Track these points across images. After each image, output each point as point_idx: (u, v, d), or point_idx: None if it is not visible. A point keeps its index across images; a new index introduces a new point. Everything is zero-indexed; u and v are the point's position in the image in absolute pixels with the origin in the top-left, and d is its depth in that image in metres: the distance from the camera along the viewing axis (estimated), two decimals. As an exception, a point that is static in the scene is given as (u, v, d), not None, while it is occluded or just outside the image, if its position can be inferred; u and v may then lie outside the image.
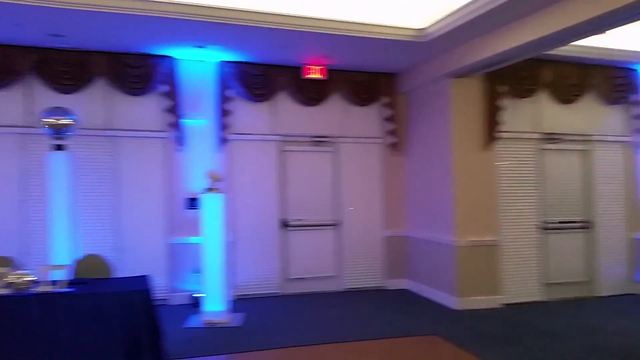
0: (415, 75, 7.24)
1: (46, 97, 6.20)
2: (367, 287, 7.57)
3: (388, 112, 7.59)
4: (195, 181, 6.73)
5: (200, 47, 6.21)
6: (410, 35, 5.93)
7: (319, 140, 7.41)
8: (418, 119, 7.40)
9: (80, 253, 5.45)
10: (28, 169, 6.23)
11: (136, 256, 6.52)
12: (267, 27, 5.45)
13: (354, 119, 7.57)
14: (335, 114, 7.48)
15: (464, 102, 6.61)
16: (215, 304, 5.89)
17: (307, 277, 7.33)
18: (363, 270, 7.58)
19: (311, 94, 7.21)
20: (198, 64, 6.80)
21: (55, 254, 5.40)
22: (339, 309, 6.52)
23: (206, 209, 5.87)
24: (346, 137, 7.53)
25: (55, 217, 5.45)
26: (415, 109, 7.48)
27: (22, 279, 3.84)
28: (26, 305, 3.83)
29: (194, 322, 5.88)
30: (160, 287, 6.48)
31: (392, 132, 7.60)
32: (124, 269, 5.79)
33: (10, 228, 6.15)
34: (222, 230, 5.90)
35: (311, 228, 7.38)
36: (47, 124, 5.45)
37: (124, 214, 6.57)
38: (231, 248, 6.60)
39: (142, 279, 4.55)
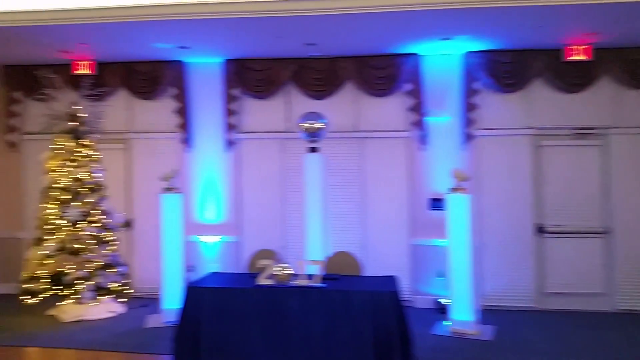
0: None
1: (302, 103, 6.70)
2: (649, 309, 6.18)
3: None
4: (439, 181, 6.47)
5: (447, 39, 5.89)
6: None
7: (583, 133, 6.35)
8: None
9: (331, 250, 5.71)
10: (287, 170, 6.83)
11: (379, 255, 6.56)
12: (523, 5, 4.82)
13: (629, 106, 6.27)
14: (603, 101, 6.31)
15: None
16: (463, 313, 5.50)
17: (568, 292, 6.34)
18: (643, 289, 6.22)
19: (573, 78, 6.22)
20: (442, 59, 6.52)
21: (310, 249, 5.78)
22: (610, 332, 5.45)
23: (451, 210, 5.52)
24: (618, 127, 6.29)
25: (310, 215, 5.83)
26: None
27: (283, 271, 4.10)
28: (286, 296, 4.09)
29: (441, 329, 5.60)
30: (403, 288, 6.38)
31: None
32: (368, 267, 5.84)
33: (272, 224, 6.83)
34: (469, 233, 5.48)
35: (573, 236, 6.36)
36: (303, 128, 5.86)
37: (369, 213, 6.69)
38: (478, 253, 6.10)
39: (391, 280, 4.47)
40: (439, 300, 6.29)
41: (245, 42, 6.04)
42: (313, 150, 5.92)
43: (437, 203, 6.48)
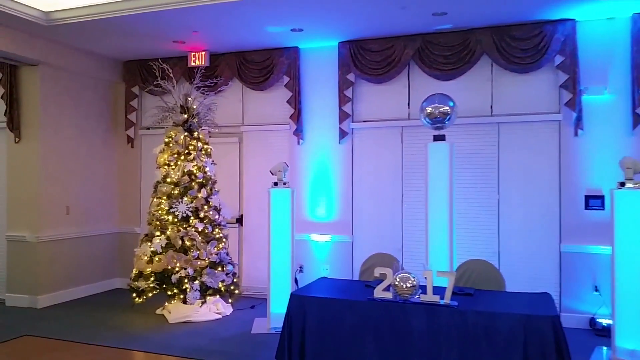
0: None
1: (427, 86, 5.84)
2: None
3: None
4: (598, 174, 5.26)
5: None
6: None
7: None
8: None
9: (460, 256, 4.83)
10: (408, 163, 6.01)
11: (519, 263, 5.51)
12: None
13: None
14: None
15: None
16: (630, 338, 4.26)
17: None
18: None
19: None
20: (604, 24, 5.25)
21: (433, 255, 4.93)
22: None
23: (620, 210, 4.30)
24: None
25: (435, 215, 4.97)
26: None
27: (406, 284, 3.32)
28: (409, 315, 3.30)
29: (600, 356, 4.45)
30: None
31: None
32: (505, 277, 4.85)
33: (388, 224, 6.05)
34: (646, 239, 4.23)
35: None
36: (426, 113, 5.02)
37: (506, 214, 5.62)
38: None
39: (546, 299, 3.49)
40: (597, 319, 5.11)
41: (363, 17, 5.33)
42: (438, 138, 5.04)
43: (595, 201, 5.27)
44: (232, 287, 5.74)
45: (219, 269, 5.64)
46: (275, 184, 5.38)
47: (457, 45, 5.68)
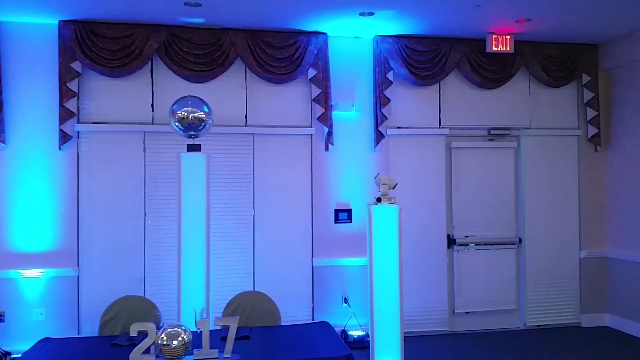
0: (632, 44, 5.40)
1: (174, 86, 5.06)
2: (557, 324, 5.81)
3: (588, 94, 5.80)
4: (345, 188, 5.38)
5: (367, 14, 4.75)
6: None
7: (496, 134, 5.75)
8: (629, 104, 5.54)
9: (215, 279, 4.24)
10: (151, 175, 5.09)
11: (274, 280, 5.24)
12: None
13: (542, 105, 5.83)
14: (518, 99, 5.79)
15: None
16: (389, 350, 4.40)
17: (477, 311, 5.69)
18: (551, 303, 5.82)
19: (491, 73, 5.58)
20: (351, 42, 5.42)
21: (187, 283, 4.21)
22: (517, 354, 4.91)
23: (377, 224, 4.40)
24: (534, 128, 5.81)
25: (188, 236, 4.26)
26: (622, 90, 5.63)
27: (174, 341, 2.53)
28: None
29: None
30: (303, 319, 5.19)
31: (593, 121, 5.79)
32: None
33: (126, 250, 5.03)
34: (397, 251, 4.41)
35: (483, 247, 5.74)
36: (178, 119, 4.26)
37: (261, 230, 5.29)
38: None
39: (327, 330, 3.17)
40: (348, 332, 5.20)
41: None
42: (193, 148, 4.35)
43: (343, 214, 5.39)
44: None
45: None
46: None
47: (209, 45, 5.08)
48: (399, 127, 5.52)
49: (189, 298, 4.18)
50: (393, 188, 4.45)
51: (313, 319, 5.28)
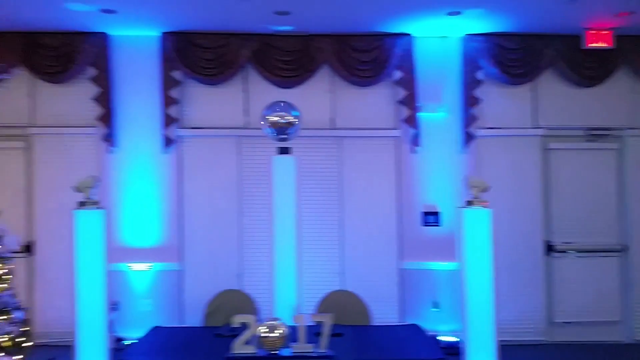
0: None
1: (265, 92, 5.27)
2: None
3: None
4: (433, 190, 5.31)
5: (455, 13, 4.70)
6: None
7: (596, 134, 5.43)
8: None
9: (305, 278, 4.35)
10: (245, 176, 5.34)
11: (361, 281, 5.26)
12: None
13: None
14: (620, 97, 5.43)
15: None
16: (482, 358, 4.28)
17: (577, 321, 5.38)
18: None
19: (588, 70, 5.28)
20: (438, 42, 5.36)
21: (281, 280, 4.36)
22: None
23: (469, 227, 4.31)
24: (638, 128, 5.43)
25: (282, 237, 4.40)
26: None
27: (274, 333, 2.66)
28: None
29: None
30: (389, 321, 5.18)
31: None
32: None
33: (225, 246, 5.30)
34: (490, 257, 4.30)
35: (585, 255, 5.41)
36: (270, 123, 4.43)
37: (348, 232, 5.35)
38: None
39: (418, 333, 3.17)
40: (437, 337, 5.11)
41: (192, 6, 4.53)
42: (284, 151, 4.51)
43: (431, 217, 5.32)
44: (21, 339, 4.31)
45: (3, 317, 4.18)
46: (82, 203, 4.20)
47: (297, 51, 5.25)
48: (489, 128, 5.37)
49: (283, 294, 4.33)
50: (485, 191, 4.34)
51: (400, 322, 5.26)
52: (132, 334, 4.97)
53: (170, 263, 5.23)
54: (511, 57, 5.24)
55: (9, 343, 4.23)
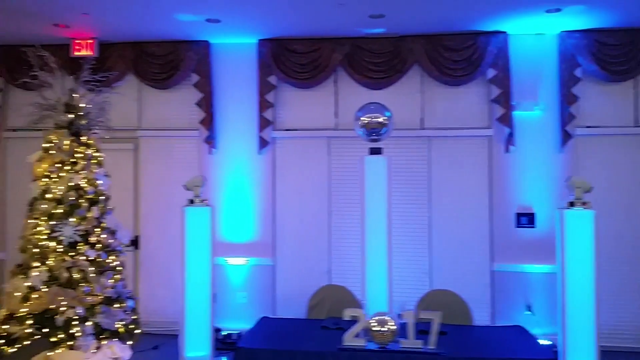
0: None
1: (354, 93, 5.39)
2: None
3: None
4: (528, 191, 5.20)
5: (555, 10, 4.58)
6: None
7: None
8: None
9: (394, 277, 4.40)
10: (334, 176, 5.49)
11: (451, 281, 5.22)
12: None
13: None
14: None
15: None
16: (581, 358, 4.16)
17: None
18: None
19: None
20: (533, 39, 5.23)
21: (372, 279, 4.45)
22: None
23: (570, 230, 4.20)
24: None
25: (372, 236, 4.48)
26: None
27: (384, 328, 2.76)
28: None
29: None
30: (481, 322, 5.12)
31: None
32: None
33: (314, 242, 5.48)
34: (593, 260, 4.17)
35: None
36: (362, 124, 4.53)
37: (437, 232, 5.36)
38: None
39: (524, 335, 3.16)
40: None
41: (291, 13, 4.72)
42: (375, 151, 4.59)
43: (525, 219, 5.21)
44: (132, 327, 4.71)
45: (117, 305, 4.59)
46: (192, 201, 4.52)
47: (388, 53, 5.32)
48: (588, 127, 5.18)
49: (374, 291, 4.42)
50: (588, 191, 4.21)
51: (492, 324, 5.20)
52: (229, 325, 5.28)
53: (264, 258, 5.49)
54: (612, 54, 5.03)
55: (123, 330, 4.63)
